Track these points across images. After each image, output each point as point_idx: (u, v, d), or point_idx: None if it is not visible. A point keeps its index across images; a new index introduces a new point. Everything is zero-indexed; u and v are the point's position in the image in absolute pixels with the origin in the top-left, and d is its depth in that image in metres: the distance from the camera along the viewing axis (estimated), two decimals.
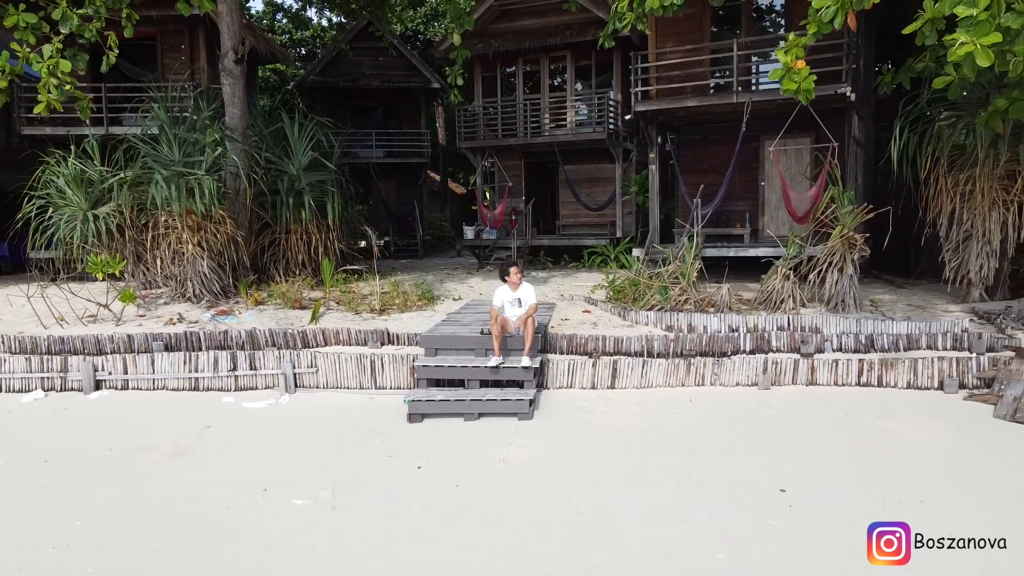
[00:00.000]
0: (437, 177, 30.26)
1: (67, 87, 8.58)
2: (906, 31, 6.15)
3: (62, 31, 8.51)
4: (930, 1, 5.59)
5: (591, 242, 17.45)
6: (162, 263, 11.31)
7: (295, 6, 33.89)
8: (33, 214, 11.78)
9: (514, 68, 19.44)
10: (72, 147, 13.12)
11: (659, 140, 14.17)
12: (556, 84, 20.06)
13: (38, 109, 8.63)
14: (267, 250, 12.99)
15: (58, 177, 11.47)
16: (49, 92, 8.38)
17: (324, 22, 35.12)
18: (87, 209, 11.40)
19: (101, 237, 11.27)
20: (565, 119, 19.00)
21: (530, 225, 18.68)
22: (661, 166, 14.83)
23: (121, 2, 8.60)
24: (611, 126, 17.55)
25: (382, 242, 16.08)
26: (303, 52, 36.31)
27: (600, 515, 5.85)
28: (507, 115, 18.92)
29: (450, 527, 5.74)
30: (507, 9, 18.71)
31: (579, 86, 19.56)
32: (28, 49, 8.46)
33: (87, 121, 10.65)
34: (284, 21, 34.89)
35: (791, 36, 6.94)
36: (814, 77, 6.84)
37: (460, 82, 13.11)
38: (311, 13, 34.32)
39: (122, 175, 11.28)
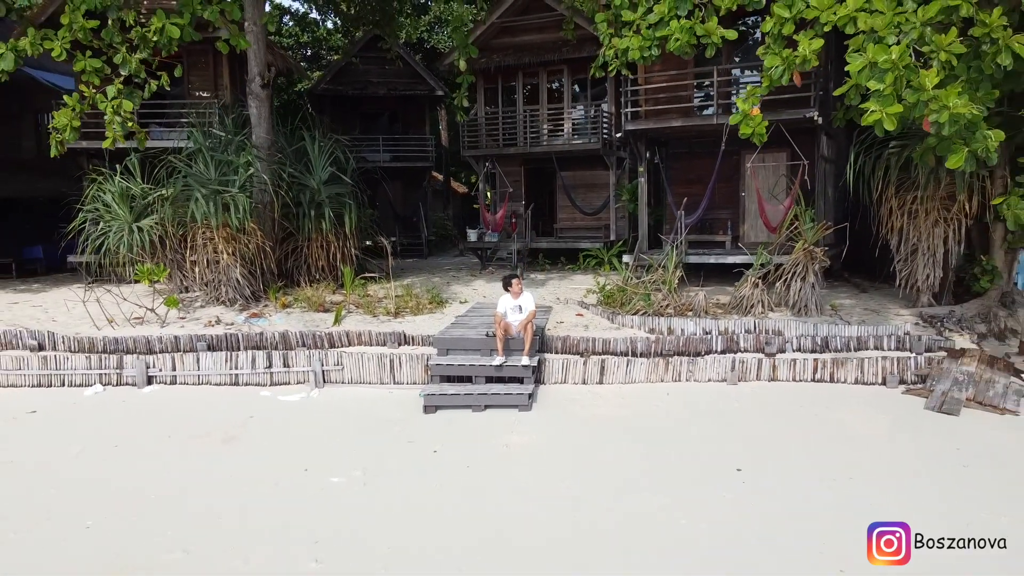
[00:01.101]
0: (440, 177, 31.50)
1: (129, 124, 9.88)
2: (836, 93, 7.44)
3: (122, 73, 9.78)
4: (855, 70, 6.86)
5: (586, 245, 18.74)
6: (200, 270, 12.61)
7: (301, 9, 34.95)
8: (85, 225, 13.06)
9: (514, 81, 20.65)
10: (106, 159, 14.47)
11: (648, 154, 15.44)
12: (554, 88, 21.25)
13: (106, 144, 9.94)
14: (290, 257, 14.29)
15: (105, 193, 12.75)
16: (115, 128, 9.70)
17: (329, 24, 36.24)
18: (131, 222, 12.70)
19: (145, 247, 12.56)
20: (562, 129, 20.25)
21: (529, 228, 19.92)
22: (652, 175, 16.12)
23: (171, 46, 9.84)
24: (605, 136, 18.80)
25: (388, 244, 17.39)
26: (308, 53, 37.43)
27: (588, 490, 7.17)
28: (508, 125, 20.16)
29: (463, 500, 7.04)
30: (508, 25, 19.89)
31: (576, 88, 20.73)
32: (94, 90, 9.77)
33: (142, 147, 11.84)
34: (291, 24, 35.96)
35: (749, 87, 8.22)
36: (766, 123, 8.12)
37: (466, 103, 14.37)
38: (315, 15, 35.52)
39: (163, 191, 12.56)
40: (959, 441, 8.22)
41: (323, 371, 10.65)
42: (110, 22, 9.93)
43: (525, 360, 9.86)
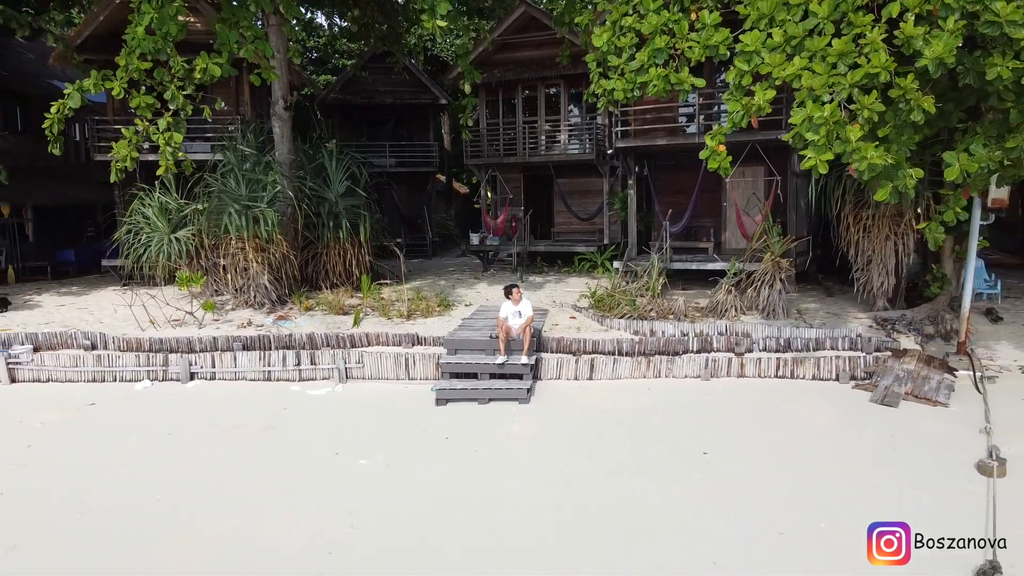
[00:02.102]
0: (443, 178, 32.87)
1: (180, 155, 11.29)
2: (784, 138, 8.82)
3: (171, 107, 11.16)
4: (797, 122, 8.23)
5: (581, 249, 20.14)
6: (232, 277, 14.01)
7: (307, 15, 36.16)
8: (119, 231, 14.49)
9: (514, 93, 21.99)
10: (138, 169, 15.88)
11: (636, 168, 16.82)
12: (551, 95, 22.52)
13: (160, 172, 11.35)
14: (310, 263, 15.71)
15: (146, 207, 14.15)
16: (167, 158, 11.11)
17: (335, 29, 37.42)
18: (169, 233, 14.10)
19: (182, 255, 13.97)
20: (559, 139, 21.62)
21: (528, 233, 21.29)
22: (640, 186, 17.50)
23: (213, 80, 11.22)
24: (600, 145, 20.14)
25: (397, 247, 18.84)
26: (315, 56, 38.66)
27: (578, 471, 8.56)
28: (508, 136, 21.53)
29: (472, 480, 8.44)
30: (508, 42, 21.20)
31: (572, 98, 22.03)
32: (147, 123, 11.15)
33: (188, 171, 13.05)
34: (297, 29, 37.13)
35: (716, 126, 9.60)
36: (730, 158, 9.50)
37: (471, 123, 15.72)
38: (320, 20, 36.73)
39: (199, 206, 13.96)
40: (894, 429, 9.63)
41: (346, 368, 12.07)
42: (149, 51, 11.24)
43: (524, 359, 11.27)
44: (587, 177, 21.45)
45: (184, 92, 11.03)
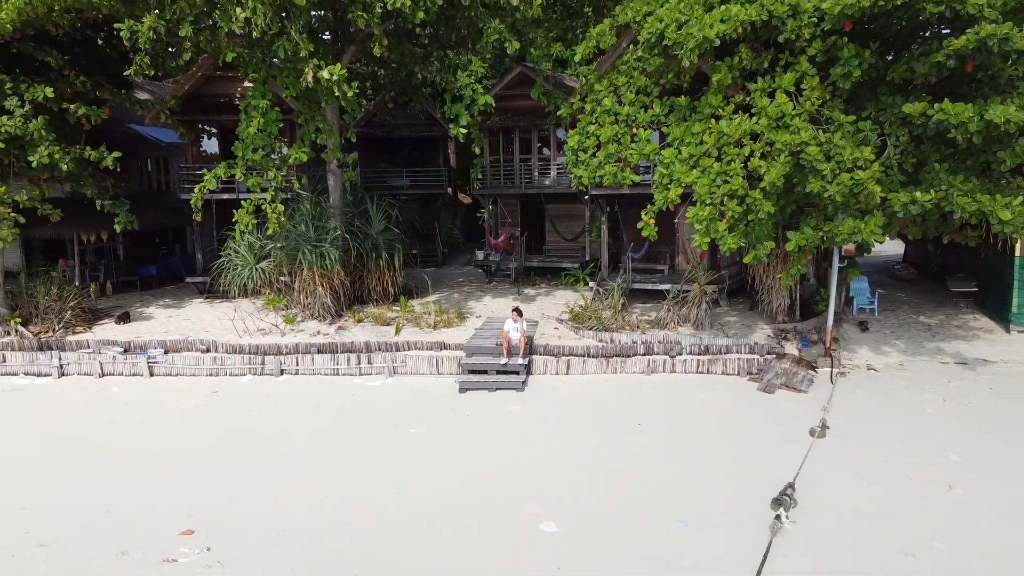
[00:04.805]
0: (449, 191, 37.48)
1: (282, 219, 16.07)
2: (686, 221, 13.63)
3: (272, 184, 15.89)
4: (691, 216, 13.01)
5: (567, 265, 24.87)
6: (303, 296, 18.79)
7: None
8: (225, 265, 19.30)
9: (512, 135, 26.63)
10: (213, 206, 20.64)
11: (608, 208, 21.59)
12: (542, 136, 27.11)
13: (269, 231, 16.16)
14: (356, 283, 20.47)
15: (239, 245, 18.91)
16: (274, 222, 15.88)
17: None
18: (254, 264, 18.87)
19: (265, 280, 18.74)
20: (549, 173, 26.31)
21: (523, 251, 26.02)
22: (611, 219, 22.24)
23: (300, 163, 15.92)
24: None
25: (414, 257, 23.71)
26: None
27: (558, 435, 13.39)
28: (507, 171, 26.25)
29: (486, 442, 13.26)
30: (507, 94, 25.77)
31: (561, 138, 26.56)
32: (257, 196, 15.92)
33: (284, 228, 17.81)
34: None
35: (648, 206, 14.38)
36: (657, 228, 14.29)
37: (480, 175, 20.44)
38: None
39: (276, 244, 18.71)
40: (767, 408, 14.46)
41: (393, 366, 16.87)
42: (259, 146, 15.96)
43: (521, 360, 16.09)
44: (572, 204, 26.06)
45: (282, 173, 15.75)
